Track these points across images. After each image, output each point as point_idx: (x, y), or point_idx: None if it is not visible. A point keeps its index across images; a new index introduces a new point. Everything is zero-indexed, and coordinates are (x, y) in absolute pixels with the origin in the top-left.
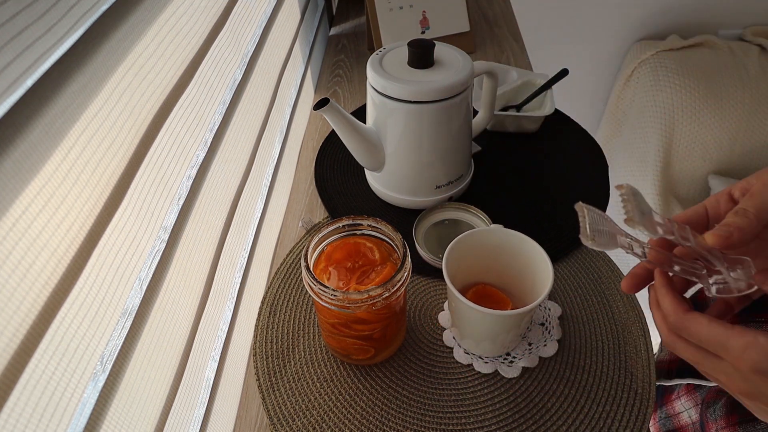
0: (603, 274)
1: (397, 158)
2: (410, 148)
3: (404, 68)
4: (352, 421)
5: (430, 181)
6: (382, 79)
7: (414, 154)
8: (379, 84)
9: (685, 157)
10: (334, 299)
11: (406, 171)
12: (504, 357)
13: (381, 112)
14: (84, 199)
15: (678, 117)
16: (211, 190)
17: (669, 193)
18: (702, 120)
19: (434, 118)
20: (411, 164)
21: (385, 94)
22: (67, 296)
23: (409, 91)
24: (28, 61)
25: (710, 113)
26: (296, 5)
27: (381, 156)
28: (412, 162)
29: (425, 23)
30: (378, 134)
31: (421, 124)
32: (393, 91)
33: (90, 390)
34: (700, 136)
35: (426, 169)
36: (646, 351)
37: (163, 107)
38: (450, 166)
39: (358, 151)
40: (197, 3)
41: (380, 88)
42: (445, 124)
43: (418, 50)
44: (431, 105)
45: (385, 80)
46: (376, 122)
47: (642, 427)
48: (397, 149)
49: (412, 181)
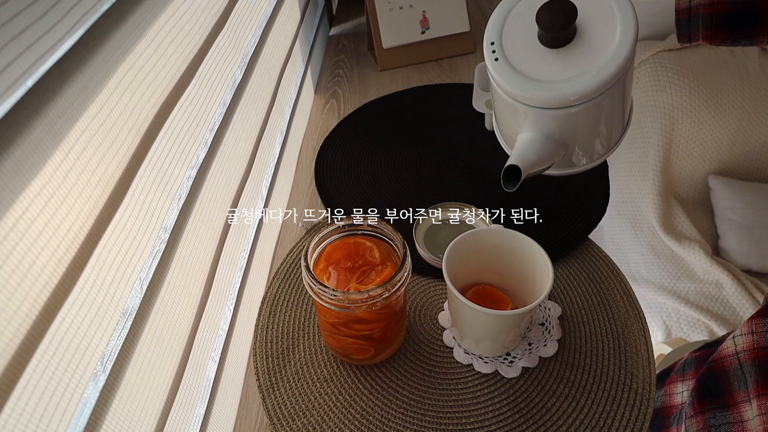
0: (603, 274)
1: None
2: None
3: (542, 57)
4: (352, 421)
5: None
6: (535, 89)
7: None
8: (534, 98)
9: (685, 157)
10: (334, 299)
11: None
12: (504, 357)
13: (542, 120)
14: (84, 200)
15: (678, 117)
16: (211, 190)
17: (669, 193)
18: (702, 120)
19: (609, 98)
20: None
21: (546, 106)
22: (67, 296)
23: (574, 92)
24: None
25: (710, 113)
26: (296, 5)
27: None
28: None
29: (425, 23)
30: (550, 136)
31: (600, 111)
32: (554, 101)
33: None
34: (700, 136)
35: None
36: (646, 351)
37: (163, 107)
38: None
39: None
40: (197, 3)
41: (539, 102)
42: (619, 96)
43: (558, 31)
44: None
45: (542, 90)
46: (541, 130)
47: (642, 427)
48: (577, 140)
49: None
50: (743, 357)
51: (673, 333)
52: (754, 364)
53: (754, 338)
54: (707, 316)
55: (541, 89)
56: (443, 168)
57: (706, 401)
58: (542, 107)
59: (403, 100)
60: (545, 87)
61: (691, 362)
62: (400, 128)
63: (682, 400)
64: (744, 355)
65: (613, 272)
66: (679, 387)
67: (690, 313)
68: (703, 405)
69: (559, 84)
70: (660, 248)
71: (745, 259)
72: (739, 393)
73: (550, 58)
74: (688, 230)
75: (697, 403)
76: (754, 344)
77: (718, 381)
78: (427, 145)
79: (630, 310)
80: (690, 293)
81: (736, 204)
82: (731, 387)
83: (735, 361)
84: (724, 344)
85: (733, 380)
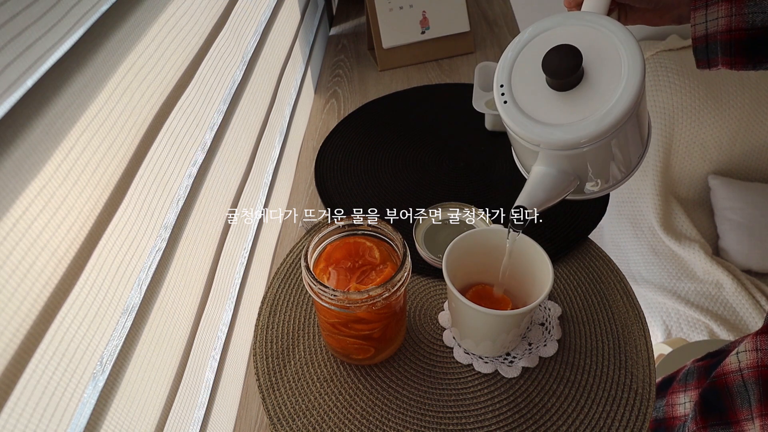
0: (603, 274)
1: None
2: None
3: (551, 100)
4: (352, 421)
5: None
6: (544, 132)
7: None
8: (543, 141)
9: (685, 157)
10: (334, 299)
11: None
12: (504, 357)
13: (554, 158)
14: (84, 200)
15: (678, 117)
16: (211, 190)
17: (669, 193)
18: (702, 120)
19: (623, 131)
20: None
21: (555, 149)
22: (67, 296)
23: (582, 135)
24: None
25: (710, 113)
26: (296, 5)
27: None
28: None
29: (425, 23)
30: (566, 172)
31: (611, 145)
32: (563, 145)
33: (90, 390)
34: (700, 137)
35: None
36: (646, 351)
37: (163, 107)
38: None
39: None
40: (197, 3)
41: (547, 145)
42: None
43: (564, 77)
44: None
45: (550, 133)
46: (553, 166)
47: (642, 427)
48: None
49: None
50: (747, 374)
51: (673, 333)
52: (757, 383)
53: (758, 355)
54: (707, 316)
55: (550, 132)
56: (443, 168)
57: (708, 417)
58: (552, 149)
59: (403, 100)
60: (554, 130)
61: (694, 372)
62: (400, 128)
63: (685, 411)
64: (748, 372)
65: (613, 272)
66: (682, 398)
67: (690, 313)
68: (706, 421)
69: (567, 127)
70: (660, 248)
71: (745, 259)
72: (741, 411)
73: (559, 101)
74: (688, 230)
75: (700, 419)
76: (758, 362)
77: (721, 397)
78: (427, 145)
79: (630, 310)
80: (690, 293)
81: (736, 204)
82: (734, 404)
83: (738, 378)
84: (728, 360)
85: (736, 397)
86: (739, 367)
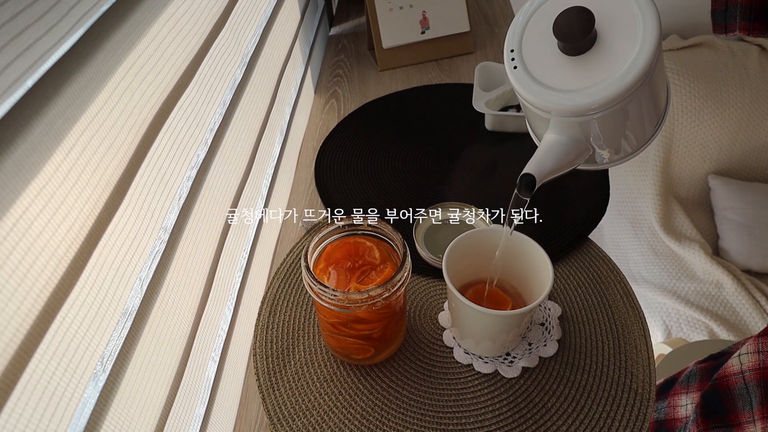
0: (603, 274)
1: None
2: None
3: (562, 65)
4: (352, 421)
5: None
6: (555, 98)
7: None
8: (554, 107)
9: (685, 157)
10: (334, 299)
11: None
12: (504, 357)
13: (565, 125)
14: (84, 200)
15: (678, 117)
16: (211, 190)
17: (669, 193)
18: (702, 120)
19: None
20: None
21: (567, 115)
22: (67, 296)
23: (594, 101)
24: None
25: (710, 113)
26: (296, 5)
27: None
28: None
29: (425, 23)
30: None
31: (627, 113)
32: (574, 111)
33: (90, 390)
34: (700, 136)
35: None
36: (646, 351)
37: (163, 107)
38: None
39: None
40: (197, 3)
41: (558, 112)
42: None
43: (575, 40)
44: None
45: (561, 99)
46: (564, 133)
47: (642, 427)
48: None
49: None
50: (749, 376)
51: (673, 333)
52: (759, 385)
53: (760, 358)
54: (707, 316)
55: (561, 98)
56: (443, 168)
57: (710, 420)
58: (563, 116)
59: (403, 100)
60: (565, 96)
61: (696, 374)
62: (400, 128)
63: (686, 413)
64: (749, 374)
65: (613, 272)
66: (684, 399)
67: (690, 313)
68: (707, 423)
69: (579, 93)
70: (660, 248)
71: (745, 259)
72: (743, 413)
73: (571, 66)
74: (688, 230)
75: (701, 421)
76: (760, 364)
77: (723, 399)
78: (427, 145)
79: (630, 310)
80: (690, 293)
81: (736, 204)
82: (736, 406)
83: (740, 380)
84: (730, 362)
85: (738, 400)
86: (740, 369)
